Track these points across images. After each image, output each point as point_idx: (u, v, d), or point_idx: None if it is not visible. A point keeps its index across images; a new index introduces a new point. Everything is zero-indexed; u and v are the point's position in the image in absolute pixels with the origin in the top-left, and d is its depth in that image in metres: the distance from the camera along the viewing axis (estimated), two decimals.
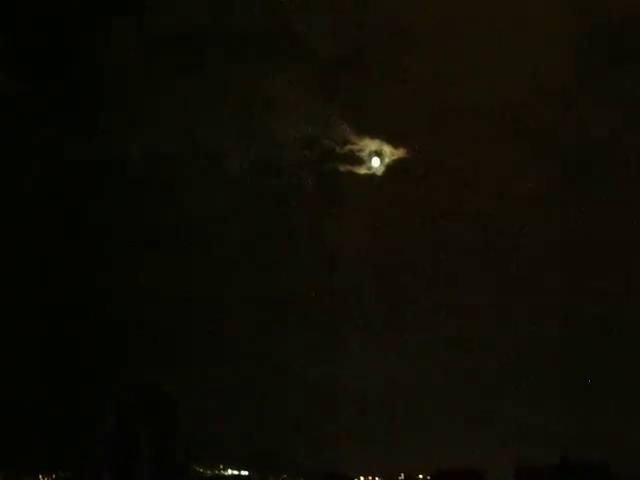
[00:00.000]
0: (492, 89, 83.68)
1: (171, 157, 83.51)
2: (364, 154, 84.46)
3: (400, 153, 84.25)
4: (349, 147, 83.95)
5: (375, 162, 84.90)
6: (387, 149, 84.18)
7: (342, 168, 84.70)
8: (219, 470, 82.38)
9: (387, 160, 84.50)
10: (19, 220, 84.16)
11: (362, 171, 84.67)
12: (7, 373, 79.99)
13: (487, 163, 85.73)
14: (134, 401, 70.60)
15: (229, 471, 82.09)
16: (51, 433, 78.34)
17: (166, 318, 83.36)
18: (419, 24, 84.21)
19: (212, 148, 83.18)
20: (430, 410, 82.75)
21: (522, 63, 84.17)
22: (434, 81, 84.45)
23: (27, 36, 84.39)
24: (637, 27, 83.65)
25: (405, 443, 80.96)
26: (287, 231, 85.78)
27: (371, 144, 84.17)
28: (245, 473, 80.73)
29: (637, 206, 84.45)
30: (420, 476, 75.82)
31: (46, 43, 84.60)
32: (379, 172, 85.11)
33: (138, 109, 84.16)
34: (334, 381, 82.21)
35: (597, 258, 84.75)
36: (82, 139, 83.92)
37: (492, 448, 78.88)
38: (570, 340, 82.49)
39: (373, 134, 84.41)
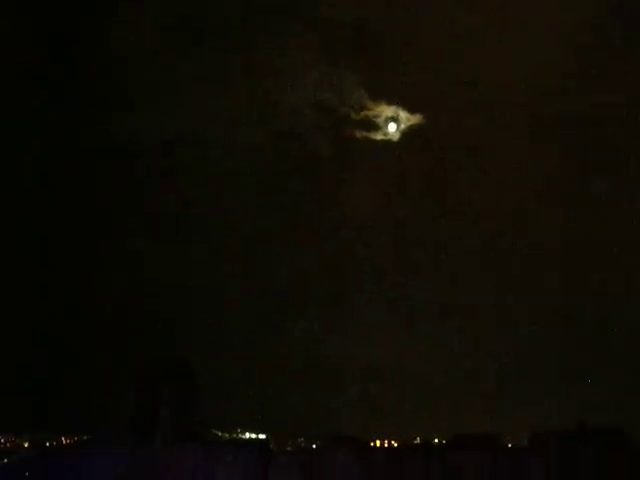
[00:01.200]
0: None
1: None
2: (380, 120, 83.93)
3: (416, 119, 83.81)
4: (365, 113, 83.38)
5: (391, 127, 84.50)
6: (403, 115, 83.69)
7: (358, 134, 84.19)
8: (237, 434, 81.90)
9: (403, 126, 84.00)
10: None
11: (378, 137, 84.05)
12: (35, 341, 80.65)
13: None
14: (156, 367, 70.42)
15: (247, 434, 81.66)
16: (74, 398, 78.84)
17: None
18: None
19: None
20: (443, 381, 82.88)
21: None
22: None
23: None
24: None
25: (419, 411, 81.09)
26: (301, 196, 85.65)
27: (387, 110, 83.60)
28: (263, 436, 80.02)
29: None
30: (436, 440, 75.06)
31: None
32: (395, 138, 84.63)
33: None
34: (346, 354, 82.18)
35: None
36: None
37: (507, 415, 78.53)
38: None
39: (389, 100, 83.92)
